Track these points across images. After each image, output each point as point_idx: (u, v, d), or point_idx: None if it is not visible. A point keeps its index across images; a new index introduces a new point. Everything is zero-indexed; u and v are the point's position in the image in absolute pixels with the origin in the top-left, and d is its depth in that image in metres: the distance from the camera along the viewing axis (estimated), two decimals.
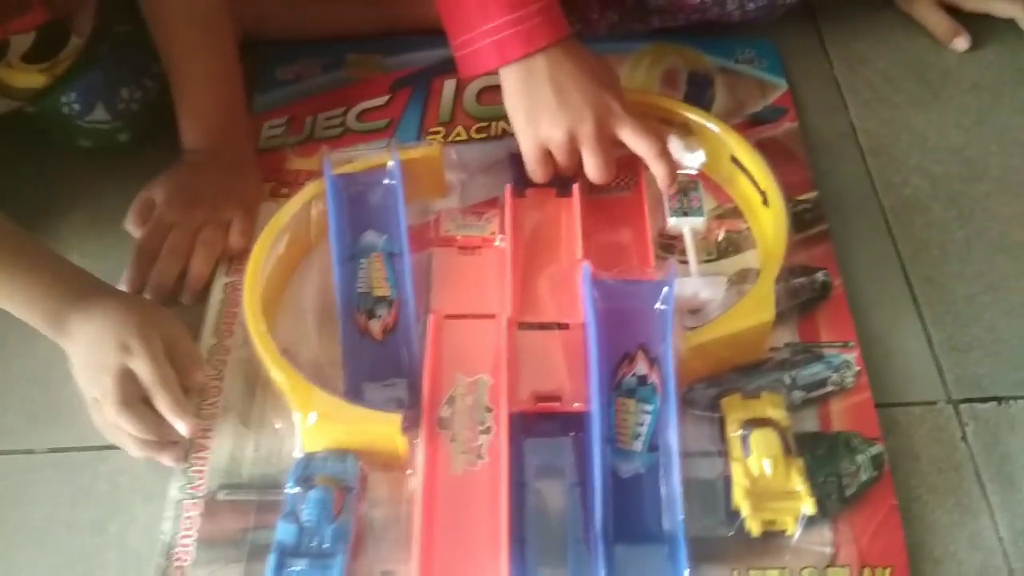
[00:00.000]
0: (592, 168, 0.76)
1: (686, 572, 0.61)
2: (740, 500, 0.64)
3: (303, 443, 0.67)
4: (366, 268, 0.75)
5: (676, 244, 0.79)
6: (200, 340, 0.75)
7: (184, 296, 0.78)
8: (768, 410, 0.68)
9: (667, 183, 0.77)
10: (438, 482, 0.66)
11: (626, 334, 0.69)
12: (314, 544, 0.62)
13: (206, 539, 0.65)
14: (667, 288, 0.69)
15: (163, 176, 0.82)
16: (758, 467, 0.65)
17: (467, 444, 0.67)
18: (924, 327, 0.77)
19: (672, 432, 0.65)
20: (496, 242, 0.79)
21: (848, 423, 0.70)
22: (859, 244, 0.82)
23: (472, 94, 0.92)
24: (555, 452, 0.67)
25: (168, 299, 0.78)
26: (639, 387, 0.67)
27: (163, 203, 0.80)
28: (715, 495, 0.66)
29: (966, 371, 0.75)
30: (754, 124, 0.90)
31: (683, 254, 0.78)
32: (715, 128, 0.82)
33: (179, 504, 0.67)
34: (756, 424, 0.66)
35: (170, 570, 0.64)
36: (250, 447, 0.70)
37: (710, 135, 0.82)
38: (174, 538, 0.66)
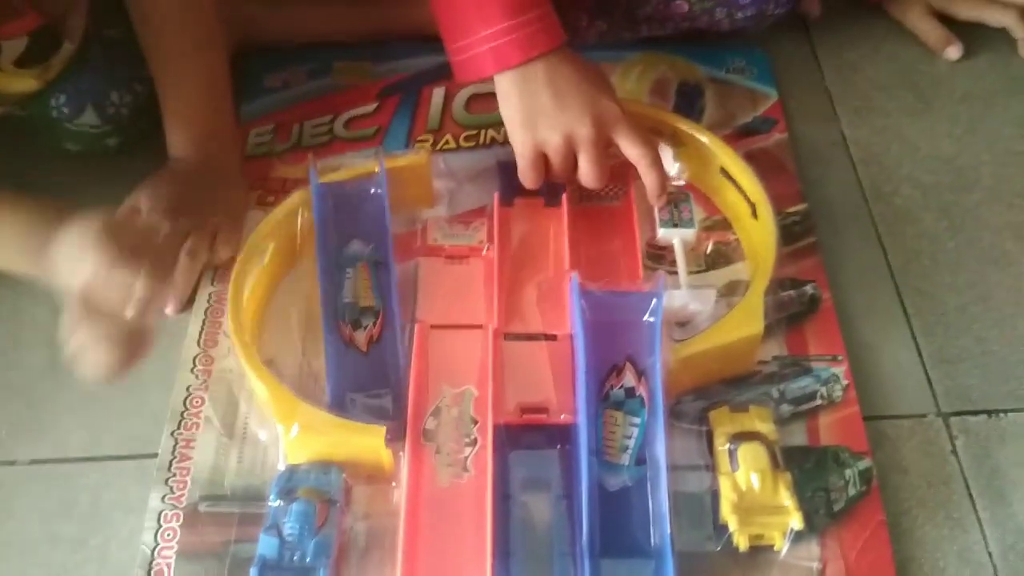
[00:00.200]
0: (587, 173, 0.75)
1: None
2: (728, 514, 0.64)
3: (287, 455, 0.67)
4: (352, 278, 0.75)
5: (665, 254, 0.79)
6: (184, 349, 0.75)
7: (168, 308, 0.77)
8: (756, 424, 0.67)
9: (657, 193, 0.77)
10: (423, 495, 0.65)
11: (614, 346, 0.68)
12: (296, 558, 0.61)
13: (187, 551, 0.65)
14: (656, 300, 0.68)
15: (148, 184, 0.81)
16: (746, 481, 0.64)
17: (452, 456, 0.67)
18: (914, 338, 0.77)
19: (660, 445, 0.64)
20: (484, 252, 0.79)
21: (836, 437, 0.70)
22: (849, 254, 0.82)
23: (461, 102, 0.91)
24: (541, 465, 0.67)
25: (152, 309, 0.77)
26: (627, 399, 0.67)
27: (148, 212, 0.79)
28: (703, 509, 0.66)
29: (956, 383, 0.75)
30: (744, 135, 0.89)
31: (672, 264, 0.77)
32: (705, 140, 0.81)
33: (160, 515, 0.66)
34: (744, 438, 0.66)
35: None
36: (233, 458, 0.69)
37: (700, 147, 0.81)
38: (154, 550, 0.65)
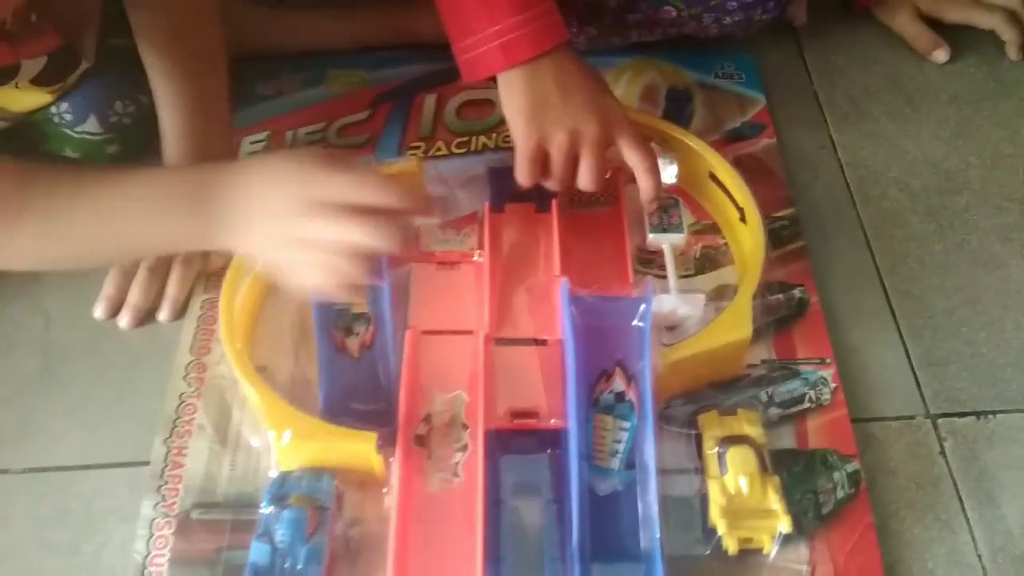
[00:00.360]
0: (587, 173, 0.74)
1: None
2: (717, 518, 0.64)
3: (279, 461, 0.67)
4: None
5: (655, 259, 0.79)
6: (177, 356, 0.75)
7: (162, 315, 0.78)
8: (745, 427, 0.68)
9: (651, 197, 0.76)
10: (413, 500, 0.65)
11: (604, 351, 0.69)
12: (287, 565, 0.61)
13: (179, 559, 0.65)
14: (645, 305, 0.69)
15: None
16: (735, 485, 0.65)
17: (443, 462, 0.67)
18: (902, 340, 0.77)
19: (649, 449, 0.65)
20: (475, 257, 0.79)
21: (824, 440, 0.70)
22: (837, 257, 0.82)
23: (452, 109, 0.92)
24: (532, 469, 0.67)
25: (146, 317, 0.77)
26: (617, 404, 0.67)
27: None
28: (692, 513, 0.66)
29: (944, 385, 0.75)
30: (733, 140, 0.90)
31: (661, 268, 0.78)
32: (693, 145, 0.81)
33: (152, 523, 0.67)
34: (732, 441, 0.66)
35: None
36: (226, 465, 0.69)
37: (689, 152, 0.82)
38: (147, 558, 0.65)
